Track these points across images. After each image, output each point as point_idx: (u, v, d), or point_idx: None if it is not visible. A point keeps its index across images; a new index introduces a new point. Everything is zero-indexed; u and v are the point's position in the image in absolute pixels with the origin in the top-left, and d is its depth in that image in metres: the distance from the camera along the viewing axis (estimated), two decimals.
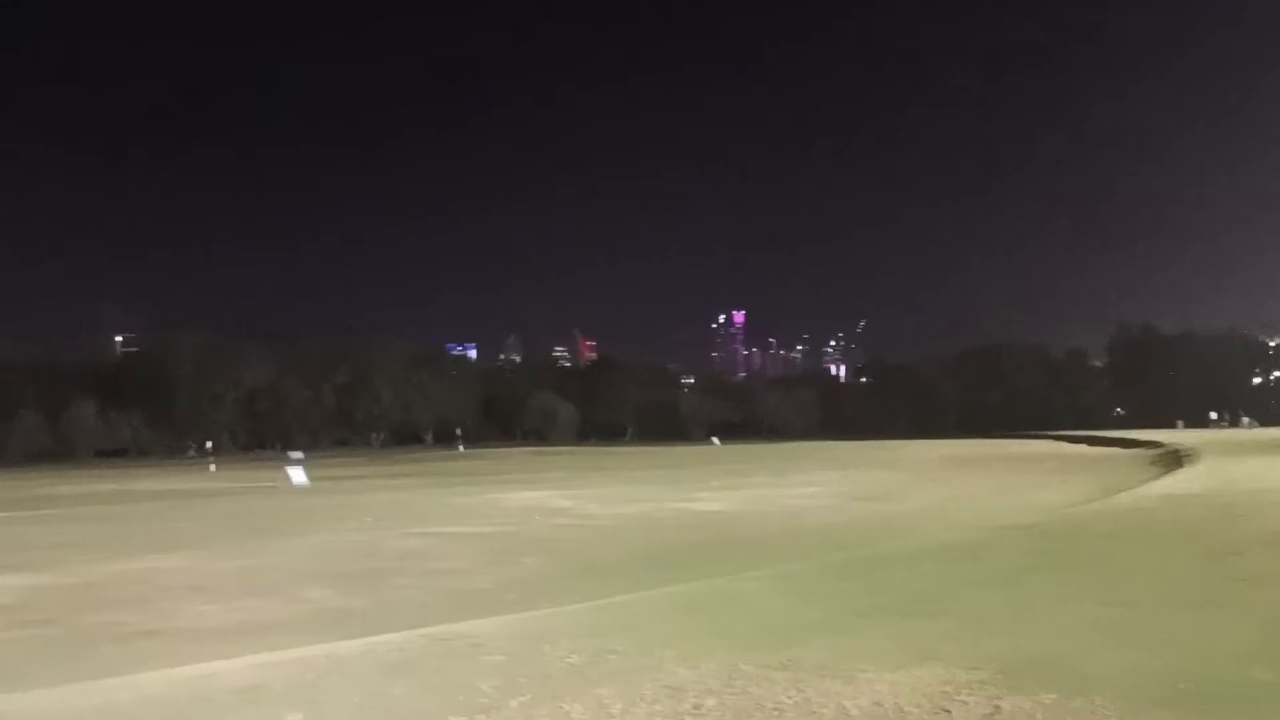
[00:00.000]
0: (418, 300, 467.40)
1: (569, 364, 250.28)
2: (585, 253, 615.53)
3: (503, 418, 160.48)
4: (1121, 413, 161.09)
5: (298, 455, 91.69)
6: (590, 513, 31.00)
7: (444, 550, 22.17)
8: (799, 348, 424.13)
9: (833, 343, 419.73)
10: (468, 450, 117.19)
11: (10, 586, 17.66)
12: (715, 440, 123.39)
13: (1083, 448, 79.35)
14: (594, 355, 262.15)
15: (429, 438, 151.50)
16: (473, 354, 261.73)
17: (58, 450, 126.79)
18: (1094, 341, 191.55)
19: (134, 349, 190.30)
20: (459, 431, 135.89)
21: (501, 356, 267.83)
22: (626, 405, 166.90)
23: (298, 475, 52.73)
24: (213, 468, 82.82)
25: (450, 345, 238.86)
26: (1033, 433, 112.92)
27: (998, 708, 7.23)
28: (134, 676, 9.75)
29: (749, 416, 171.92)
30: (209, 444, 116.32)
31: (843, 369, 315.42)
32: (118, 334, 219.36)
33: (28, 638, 13.22)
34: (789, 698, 7.70)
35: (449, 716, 7.46)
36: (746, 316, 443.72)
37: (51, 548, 24.13)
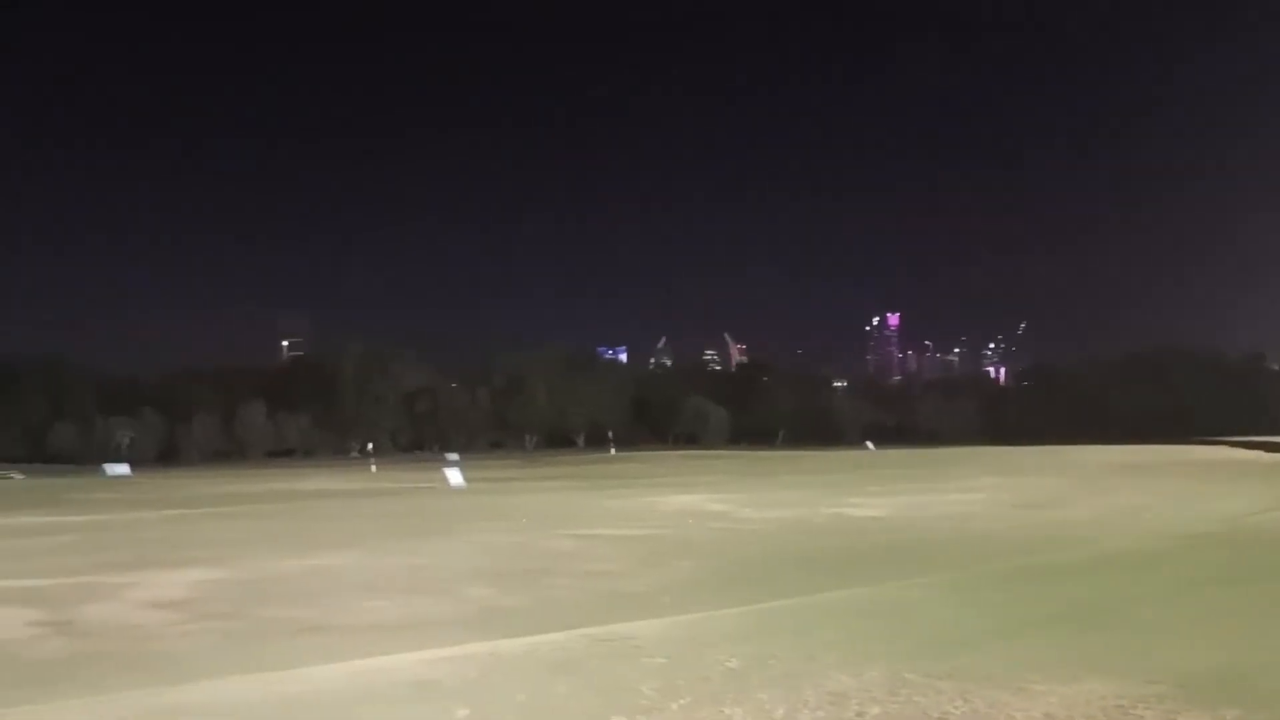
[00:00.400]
0: (570, 304, 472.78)
1: (720, 367, 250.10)
2: (736, 256, 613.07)
3: (654, 421, 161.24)
4: None
5: (454, 457, 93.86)
6: (744, 517, 30.87)
7: (599, 552, 22.35)
8: (956, 350, 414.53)
9: (992, 345, 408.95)
10: (619, 453, 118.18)
11: (191, 581, 18.49)
12: (870, 445, 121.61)
13: (1259, 454, 75.60)
14: (745, 359, 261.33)
15: (581, 440, 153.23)
16: (624, 357, 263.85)
17: (231, 451, 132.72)
18: (1273, 346, 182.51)
19: (300, 353, 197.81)
20: (611, 434, 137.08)
21: (652, 360, 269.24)
22: (779, 409, 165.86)
23: (455, 476, 53.92)
24: (374, 468, 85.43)
25: (601, 349, 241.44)
26: (1206, 439, 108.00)
27: None
28: (307, 669, 10.10)
29: (904, 421, 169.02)
30: (370, 445, 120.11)
31: (1003, 372, 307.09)
32: (285, 339, 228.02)
33: (208, 630, 13.81)
34: (956, 708, 7.52)
35: (611, 717, 7.50)
36: (902, 318, 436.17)
37: (228, 544, 25.19)
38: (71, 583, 18.44)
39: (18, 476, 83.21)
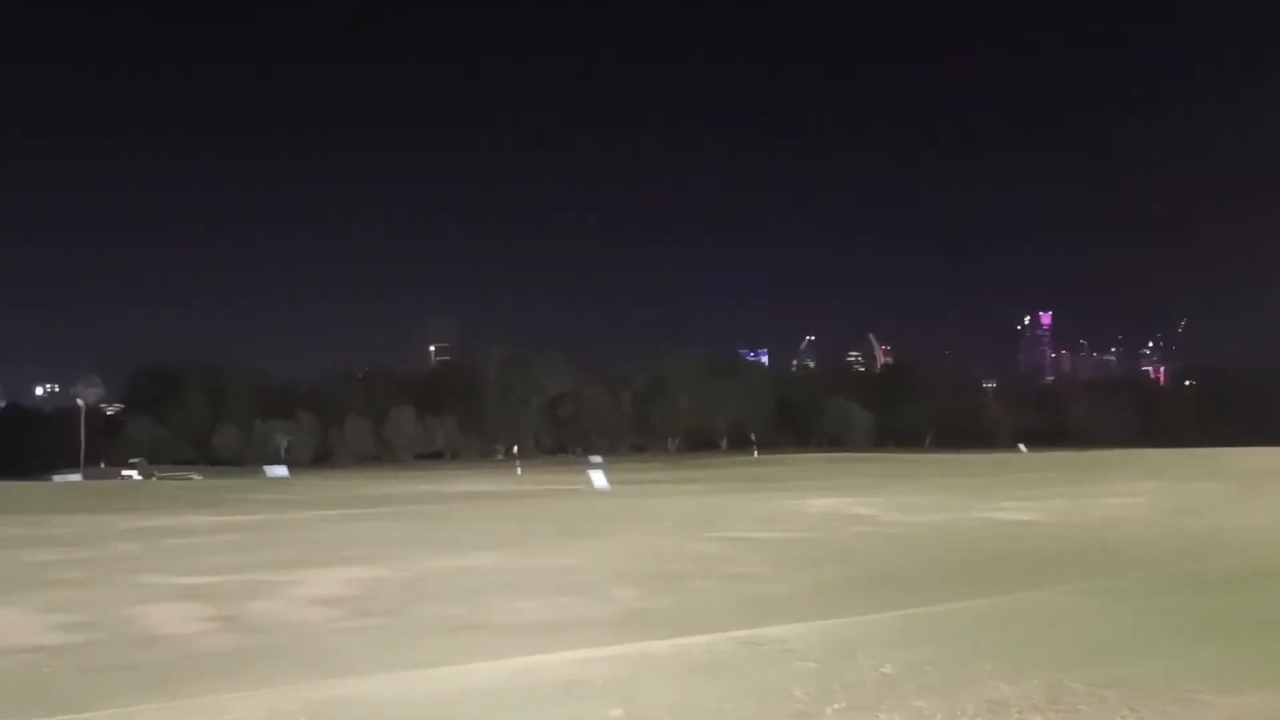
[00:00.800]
0: (711, 307, 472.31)
1: (864, 369, 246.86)
2: (881, 255, 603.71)
3: (797, 424, 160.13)
4: None
5: (597, 460, 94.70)
6: (891, 520, 30.42)
7: (743, 555, 22.30)
8: (1112, 350, 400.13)
9: (1150, 344, 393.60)
10: (762, 456, 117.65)
11: (349, 579, 19.08)
12: (1022, 447, 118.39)
13: None
14: (890, 360, 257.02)
15: (723, 443, 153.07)
16: (765, 360, 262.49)
17: (381, 453, 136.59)
18: None
19: (447, 358, 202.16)
20: (753, 437, 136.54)
21: (795, 362, 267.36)
22: (926, 411, 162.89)
23: (599, 479, 54.44)
24: (519, 470, 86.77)
25: (743, 351, 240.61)
26: None
27: None
28: (464, 667, 10.33)
29: (1058, 423, 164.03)
30: (515, 448, 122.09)
31: (1162, 371, 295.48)
32: (433, 344, 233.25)
33: (367, 627, 14.24)
34: (1123, 719, 7.28)
35: None
36: (1055, 317, 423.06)
37: (382, 544, 25.91)
38: (239, 580, 19.22)
39: (197, 478, 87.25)
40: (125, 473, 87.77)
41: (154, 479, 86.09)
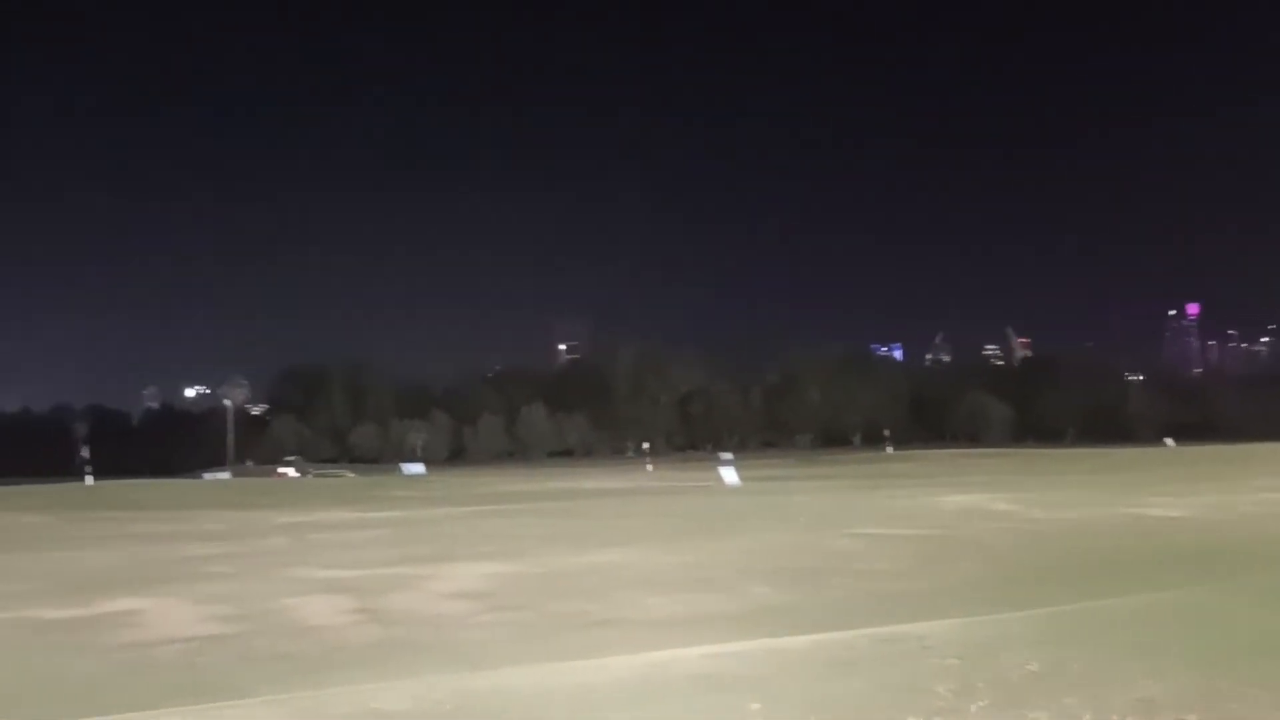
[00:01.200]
0: (843, 301, 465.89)
1: (1001, 362, 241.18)
2: (1017, 246, 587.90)
3: (931, 419, 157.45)
4: None
5: (728, 456, 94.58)
6: (1032, 517, 29.69)
7: (878, 551, 22.03)
8: (1263, 340, 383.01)
9: None
10: (896, 452, 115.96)
11: (486, 574, 19.44)
12: (1170, 442, 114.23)
13: None
14: (1029, 353, 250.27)
15: (856, 439, 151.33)
16: (899, 354, 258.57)
17: (514, 450, 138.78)
18: None
19: (577, 356, 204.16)
20: (887, 433, 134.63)
21: (929, 356, 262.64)
22: (1067, 405, 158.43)
23: (730, 475, 54.39)
24: (649, 467, 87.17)
25: (875, 346, 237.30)
26: None
27: None
28: (601, 660, 10.45)
29: (1206, 416, 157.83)
30: (646, 445, 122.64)
31: None
32: (562, 344, 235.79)
33: (505, 620, 14.48)
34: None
35: (907, 717, 7.40)
36: (1203, 307, 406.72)
37: (518, 539, 26.33)
38: (382, 574, 19.76)
39: (350, 475, 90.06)
40: (281, 470, 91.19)
41: (309, 476, 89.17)
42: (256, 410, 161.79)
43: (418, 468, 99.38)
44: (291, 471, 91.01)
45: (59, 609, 16.55)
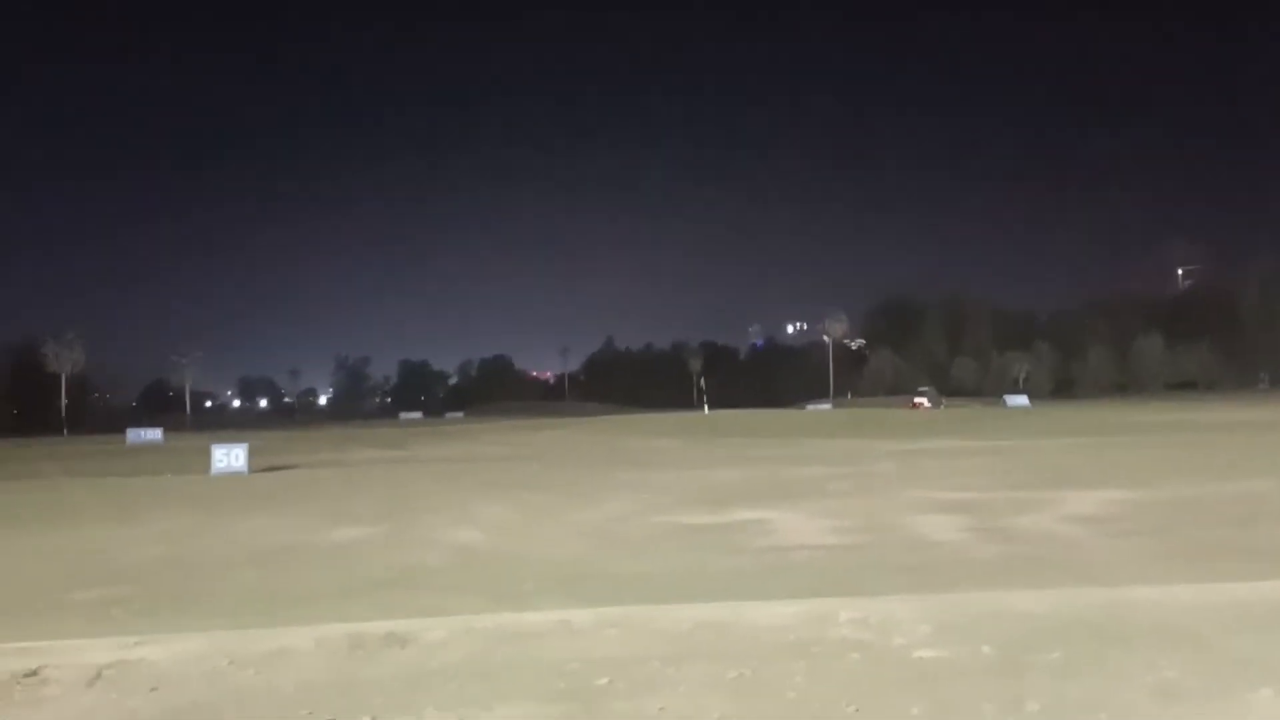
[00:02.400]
0: None
1: None
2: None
3: None
4: None
5: None
6: None
7: None
8: None
9: None
10: None
11: (1109, 500, 18.67)
12: None
13: None
14: None
15: None
16: None
17: (1126, 384, 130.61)
18: None
19: (1194, 281, 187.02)
20: None
21: None
22: None
23: None
24: None
25: None
26: None
27: None
28: (1230, 585, 9.83)
29: None
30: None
31: None
32: (1179, 268, 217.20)
33: (1130, 545, 13.76)
34: None
35: None
36: None
37: (1140, 469, 25.05)
38: (997, 497, 19.79)
39: (975, 406, 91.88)
40: (917, 400, 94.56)
41: (941, 406, 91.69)
42: (855, 345, 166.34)
43: (1022, 399, 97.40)
44: (925, 401, 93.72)
45: (702, 516, 18.43)
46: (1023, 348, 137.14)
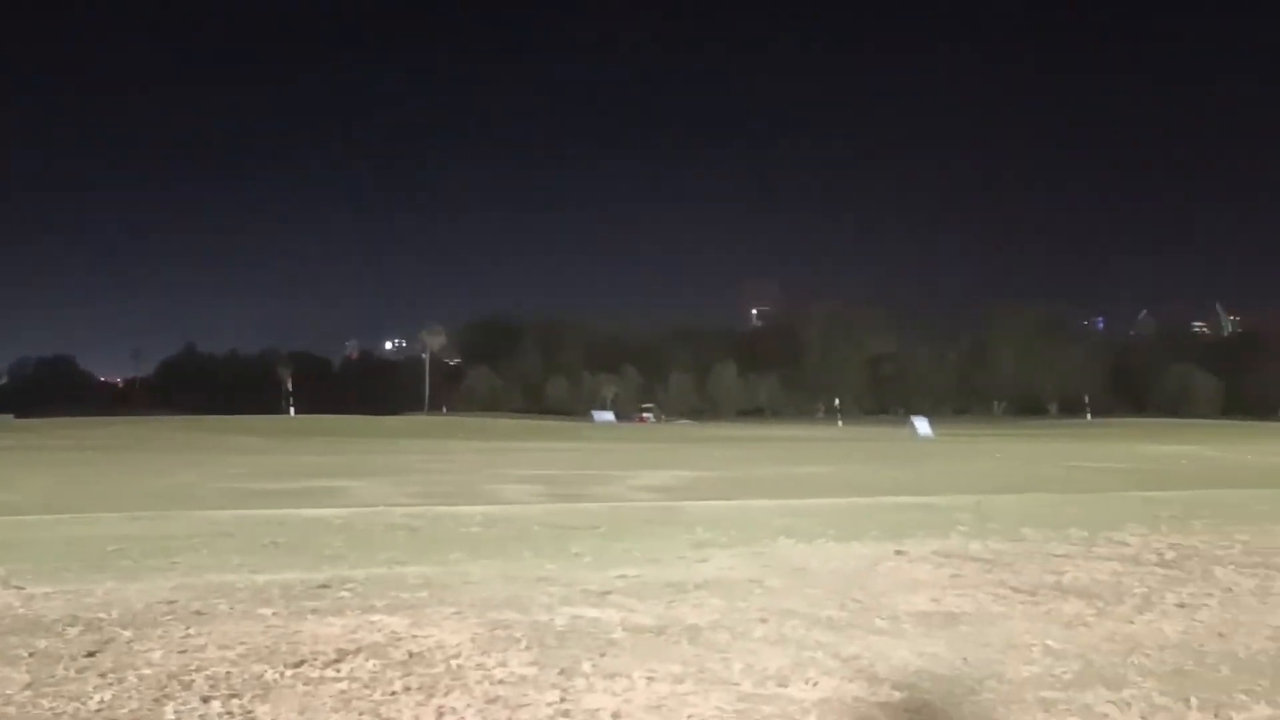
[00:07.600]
0: (1043, 270, 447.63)
1: (1209, 335, 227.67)
2: (1229, 216, 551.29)
3: (1134, 390, 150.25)
4: None
5: (921, 419, 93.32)
6: (1239, 462, 28.74)
7: (1086, 478, 21.54)
8: None
9: None
10: (1095, 420, 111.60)
11: (671, 476, 19.87)
12: None
13: None
14: (1239, 330, 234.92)
15: (1053, 408, 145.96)
16: (1101, 326, 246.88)
17: (703, 408, 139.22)
18: None
19: (766, 311, 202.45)
20: (1087, 399, 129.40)
21: (1131, 333, 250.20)
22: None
23: (923, 426, 54.09)
24: (840, 424, 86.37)
25: (1078, 318, 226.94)
26: None
27: None
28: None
29: None
30: (837, 401, 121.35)
31: None
32: (754, 307, 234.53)
33: (668, 506, 14.71)
34: None
35: None
36: None
37: (700, 459, 26.79)
38: (575, 474, 20.61)
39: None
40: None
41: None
42: (452, 362, 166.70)
43: (608, 415, 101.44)
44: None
45: (276, 484, 17.86)
46: (612, 370, 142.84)
